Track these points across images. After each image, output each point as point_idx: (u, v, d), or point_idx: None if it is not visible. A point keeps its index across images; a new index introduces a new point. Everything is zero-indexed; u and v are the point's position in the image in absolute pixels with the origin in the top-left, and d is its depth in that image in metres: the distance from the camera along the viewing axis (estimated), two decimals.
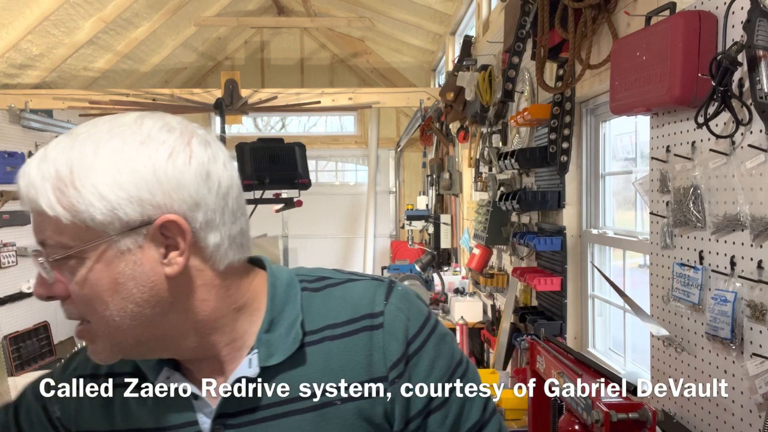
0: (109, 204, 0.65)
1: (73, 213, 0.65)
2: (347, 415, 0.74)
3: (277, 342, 0.74)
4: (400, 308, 0.77)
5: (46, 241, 0.68)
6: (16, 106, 4.87)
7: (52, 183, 0.66)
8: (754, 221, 1.28)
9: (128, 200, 0.66)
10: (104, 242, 0.67)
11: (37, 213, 0.67)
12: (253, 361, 0.74)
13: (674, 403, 1.60)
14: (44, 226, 0.67)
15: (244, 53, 7.59)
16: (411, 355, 0.75)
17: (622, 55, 1.70)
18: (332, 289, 0.79)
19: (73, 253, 0.67)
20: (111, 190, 0.65)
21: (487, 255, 3.53)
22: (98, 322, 0.69)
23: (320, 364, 0.75)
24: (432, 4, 4.90)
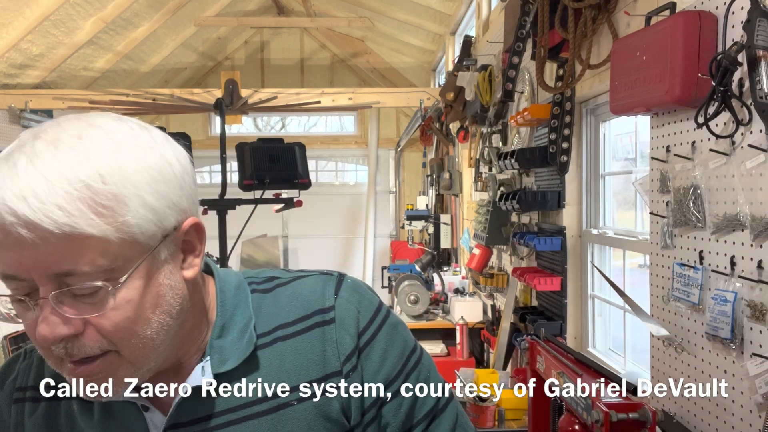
0: (156, 213, 0.61)
1: (122, 230, 0.59)
2: (304, 414, 0.73)
3: (229, 347, 0.72)
4: (351, 300, 0.76)
5: (75, 270, 0.58)
6: (16, 106, 4.87)
7: (88, 199, 0.57)
8: (754, 221, 1.28)
9: (168, 207, 0.63)
10: (149, 255, 0.62)
11: (60, 239, 0.56)
12: (206, 368, 0.71)
13: (674, 403, 1.60)
14: (76, 252, 0.57)
15: (244, 53, 7.59)
16: (363, 346, 0.74)
17: (622, 55, 1.70)
18: (281, 288, 0.78)
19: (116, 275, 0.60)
20: (155, 198, 0.61)
21: (487, 255, 3.54)
22: (135, 346, 0.63)
23: (274, 366, 0.73)
24: (432, 4, 4.90)
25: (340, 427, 0.74)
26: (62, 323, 0.59)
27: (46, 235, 0.56)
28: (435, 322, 3.87)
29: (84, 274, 0.58)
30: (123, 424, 0.72)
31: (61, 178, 0.57)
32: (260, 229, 6.72)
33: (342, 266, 7.60)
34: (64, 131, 0.60)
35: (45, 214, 0.55)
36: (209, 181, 7.52)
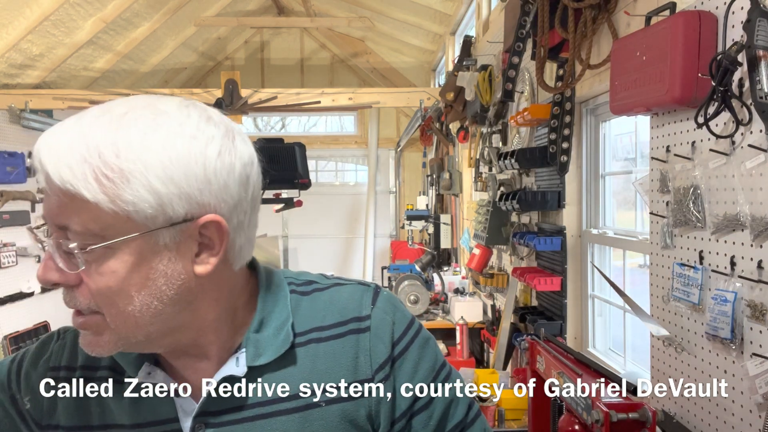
0: (159, 198, 0.62)
1: (116, 203, 0.61)
2: (331, 416, 0.74)
3: (265, 342, 0.74)
4: (386, 312, 0.78)
5: (70, 226, 0.62)
6: (16, 106, 4.87)
7: (95, 167, 0.61)
8: (754, 221, 1.28)
9: (178, 196, 0.63)
10: (143, 235, 0.63)
11: (64, 194, 0.61)
12: (241, 360, 0.73)
13: (674, 403, 1.60)
14: (73, 210, 0.62)
15: (244, 53, 7.59)
16: (396, 357, 0.76)
17: (622, 55, 1.70)
18: (319, 293, 0.80)
19: (111, 236, 0.62)
20: (163, 183, 0.62)
21: (487, 255, 3.53)
22: (115, 317, 0.65)
23: (306, 366, 0.75)
24: (432, 4, 4.90)
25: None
26: (55, 270, 0.64)
27: (55, 188, 0.61)
28: (435, 322, 3.88)
29: (75, 233, 0.62)
30: (153, 408, 0.74)
31: (82, 143, 0.61)
32: (260, 229, 6.71)
33: (342, 266, 7.60)
34: (122, 105, 0.65)
35: (57, 168, 0.61)
36: None
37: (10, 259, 5.01)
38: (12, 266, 5.04)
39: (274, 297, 0.77)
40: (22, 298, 5.15)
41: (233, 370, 0.72)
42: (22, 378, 0.79)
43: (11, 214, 5.05)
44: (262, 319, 0.75)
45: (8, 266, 5.00)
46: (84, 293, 0.65)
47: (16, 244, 5.11)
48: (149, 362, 0.74)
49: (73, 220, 0.62)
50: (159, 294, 0.66)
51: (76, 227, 0.62)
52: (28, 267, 5.29)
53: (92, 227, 0.62)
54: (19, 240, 5.16)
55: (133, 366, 0.74)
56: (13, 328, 4.99)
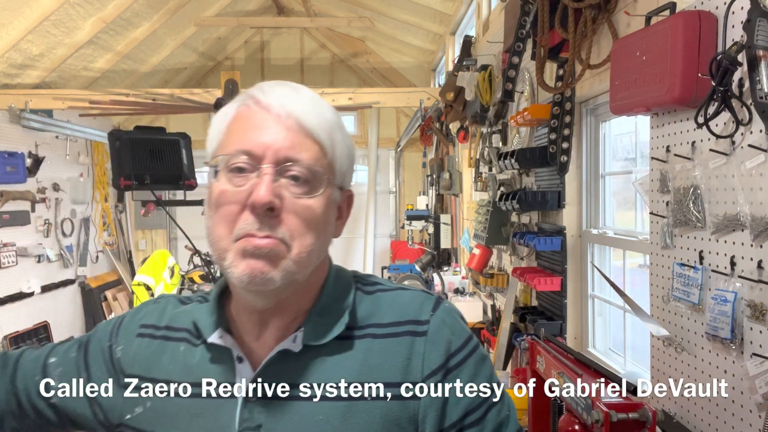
0: (349, 164, 0.81)
1: (333, 153, 0.77)
2: (375, 412, 0.76)
3: (323, 326, 0.79)
4: (446, 322, 0.81)
5: (300, 159, 0.74)
6: (16, 106, 4.87)
7: (326, 122, 0.77)
8: (754, 221, 1.28)
9: (348, 170, 0.81)
10: (331, 187, 0.77)
11: (301, 134, 0.75)
12: (299, 337, 0.78)
13: (674, 403, 1.60)
14: (303, 148, 0.75)
15: (244, 53, 7.59)
16: (451, 368, 0.78)
17: (622, 55, 1.70)
18: (382, 294, 0.85)
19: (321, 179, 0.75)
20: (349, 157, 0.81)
21: (487, 255, 3.53)
22: (298, 249, 0.74)
23: (359, 358, 0.78)
24: (432, 4, 4.90)
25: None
26: (271, 194, 0.73)
27: (293, 126, 0.74)
28: None
29: (303, 166, 0.74)
30: (218, 369, 0.81)
31: (315, 101, 0.78)
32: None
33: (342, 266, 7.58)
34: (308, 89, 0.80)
35: (303, 110, 0.75)
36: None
37: (10, 259, 5.01)
38: (12, 266, 5.04)
39: (340, 289, 0.83)
40: (22, 298, 5.15)
41: (290, 346, 0.78)
42: (121, 330, 0.89)
43: (11, 214, 5.05)
44: (324, 305, 0.81)
45: (8, 266, 5.00)
46: (282, 221, 0.74)
47: (16, 244, 5.11)
48: (222, 328, 0.82)
49: (303, 157, 0.74)
50: (325, 241, 0.79)
51: (307, 161, 0.74)
52: (28, 267, 5.29)
53: (316, 165, 0.75)
54: (19, 240, 5.16)
55: (209, 329, 0.82)
56: (13, 328, 4.99)
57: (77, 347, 0.91)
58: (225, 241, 0.75)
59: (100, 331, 0.91)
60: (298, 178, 0.74)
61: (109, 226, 6.95)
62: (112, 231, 7.00)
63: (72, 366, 0.89)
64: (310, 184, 0.75)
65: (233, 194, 0.74)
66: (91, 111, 5.22)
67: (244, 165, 0.74)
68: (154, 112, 5.69)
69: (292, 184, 0.74)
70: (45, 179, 5.54)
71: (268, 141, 0.74)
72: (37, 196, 5.42)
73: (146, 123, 6.87)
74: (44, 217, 5.57)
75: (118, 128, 5.32)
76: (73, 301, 6.06)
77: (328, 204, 0.77)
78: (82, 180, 6.27)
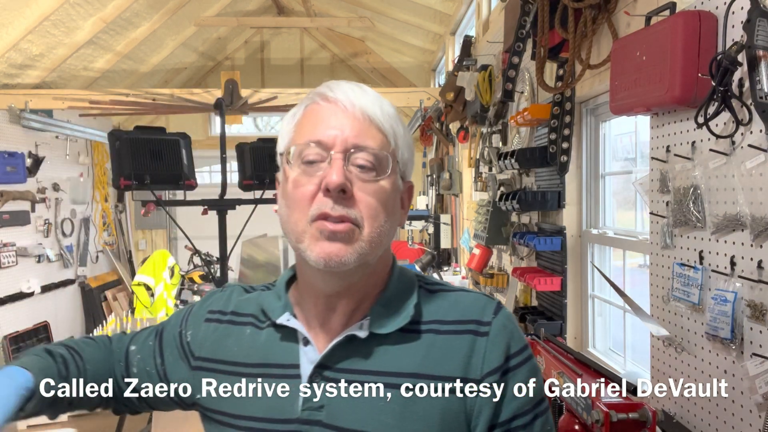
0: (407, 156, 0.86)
1: (396, 142, 0.83)
2: (434, 402, 0.79)
3: (388, 316, 0.83)
4: (506, 326, 0.84)
5: (367, 146, 0.80)
6: (16, 106, 4.87)
7: (390, 117, 0.83)
8: (754, 221, 1.28)
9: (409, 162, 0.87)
10: (395, 174, 0.83)
11: (369, 124, 0.81)
12: (365, 325, 0.83)
13: (674, 403, 1.60)
14: (369, 135, 0.80)
15: (244, 53, 7.59)
16: (509, 369, 0.81)
17: (622, 55, 1.70)
18: (444, 293, 0.88)
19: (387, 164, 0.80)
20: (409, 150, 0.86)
21: (487, 255, 3.53)
22: (373, 230, 0.79)
23: (422, 351, 0.81)
24: (432, 4, 4.90)
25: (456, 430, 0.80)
26: (343, 176, 0.78)
27: (360, 117, 0.80)
28: None
29: (369, 152, 0.80)
30: (281, 352, 0.85)
31: (379, 98, 0.83)
32: (260, 229, 6.72)
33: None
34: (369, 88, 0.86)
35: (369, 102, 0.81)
36: (209, 181, 7.53)
37: (10, 259, 5.01)
38: (12, 266, 5.04)
39: (404, 285, 0.87)
40: (22, 298, 5.15)
41: (357, 332, 0.82)
42: (190, 317, 0.95)
43: (11, 214, 5.05)
44: (389, 297, 0.85)
45: (8, 266, 5.00)
46: (354, 203, 0.79)
47: (16, 244, 5.11)
48: (290, 313, 0.87)
49: (369, 143, 0.80)
50: (393, 224, 0.83)
51: (374, 147, 0.80)
52: (28, 267, 5.29)
53: (380, 153, 0.80)
54: (19, 240, 5.16)
55: (278, 312, 0.87)
56: (13, 328, 4.99)
57: (154, 335, 0.98)
58: (302, 223, 0.80)
59: (173, 320, 0.98)
60: (364, 166, 0.79)
61: (109, 226, 6.95)
62: (112, 231, 7.01)
63: (149, 353, 0.96)
64: (377, 169, 0.80)
65: (307, 180, 0.80)
66: (91, 111, 5.22)
67: (315, 157, 0.80)
68: (154, 112, 5.69)
69: (360, 170, 0.79)
70: (45, 179, 5.54)
71: (336, 131, 0.79)
72: (37, 196, 5.42)
73: (146, 123, 6.87)
74: (44, 217, 5.57)
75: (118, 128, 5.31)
76: (73, 301, 6.06)
77: (395, 188, 0.83)
78: (82, 180, 6.27)
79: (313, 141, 0.80)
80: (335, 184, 0.76)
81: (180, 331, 0.95)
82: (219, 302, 0.95)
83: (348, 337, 0.82)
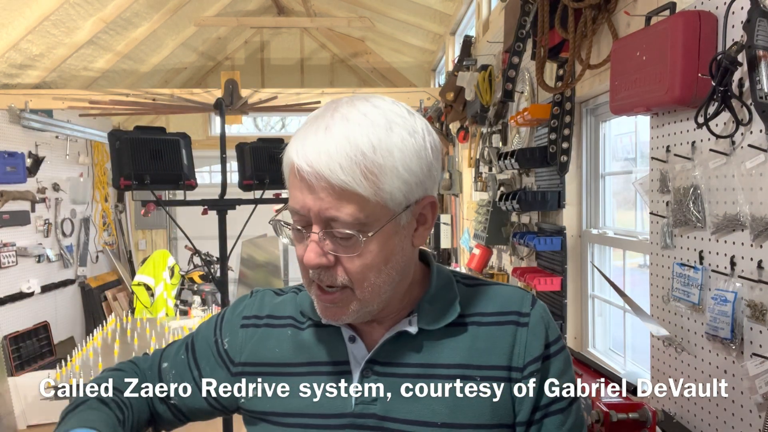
0: (406, 187, 0.77)
1: (378, 194, 0.75)
2: (482, 393, 0.82)
3: (434, 313, 0.85)
4: (544, 317, 0.87)
5: (339, 218, 0.75)
6: (16, 106, 4.87)
7: (362, 165, 0.73)
8: (754, 221, 1.28)
9: (416, 184, 0.78)
10: (389, 221, 0.77)
11: (336, 191, 0.74)
12: (413, 321, 0.85)
13: (674, 403, 1.60)
14: (342, 204, 0.74)
15: (244, 53, 7.59)
16: (549, 356, 0.85)
17: (622, 55, 1.70)
18: (482, 287, 0.90)
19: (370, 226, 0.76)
20: (408, 174, 0.76)
21: (487, 255, 3.53)
22: (365, 289, 0.79)
23: (467, 343, 0.84)
24: (432, 4, 4.90)
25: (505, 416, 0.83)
26: (322, 255, 0.77)
27: (326, 186, 0.74)
28: None
29: (344, 223, 0.75)
30: (330, 349, 0.87)
31: (346, 145, 0.73)
32: (260, 229, 6.72)
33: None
34: (354, 109, 0.76)
35: (330, 169, 0.73)
36: (209, 181, 7.52)
37: (10, 259, 5.01)
38: (12, 266, 5.04)
39: (444, 282, 0.89)
40: (22, 298, 5.15)
41: (408, 327, 0.84)
42: (224, 325, 0.96)
43: (11, 214, 5.05)
44: (434, 294, 0.87)
45: (8, 266, 5.00)
46: (339, 272, 0.78)
47: (16, 244, 5.11)
48: None
49: (343, 212, 0.75)
50: (396, 266, 0.80)
51: (345, 218, 0.75)
52: (28, 267, 5.29)
53: (359, 217, 0.75)
54: (19, 240, 5.16)
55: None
56: (13, 328, 4.99)
57: (184, 349, 0.98)
58: (305, 280, 0.83)
59: (203, 330, 0.98)
60: (344, 236, 0.76)
61: (109, 226, 6.95)
62: (112, 231, 7.00)
63: (184, 367, 0.96)
64: (357, 236, 0.76)
65: (299, 244, 0.80)
66: (91, 111, 5.22)
67: (301, 224, 0.79)
68: (154, 112, 5.69)
69: (342, 240, 0.76)
70: (45, 179, 5.54)
71: (309, 204, 0.76)
72: (37, 196, 5.42)
73: (146, 123, 6.87)
74: (44, 217, 5.57)
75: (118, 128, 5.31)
76: (73, 301, 6.06)
77: (387, 238, 0.78)
78: (82, 180, 6.27)
79: (294, 210, 0.78)
80: (310, 265, 0.78)
81: (215, 340, 0.95)
82: (252, 308, 0.96)
83: (398, 333, 0.84)
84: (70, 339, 5.75)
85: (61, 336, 5.61)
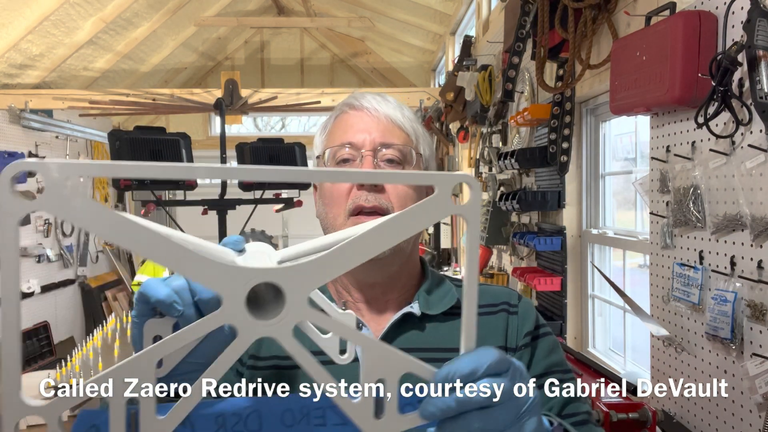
0: (427, 160, 0.95)
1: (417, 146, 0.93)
2: None
3: (433, 300, 0.92)
4: (530, 307, 0.95)
5: (392, 143, 0.90)
6: (16, 106, 4.87)
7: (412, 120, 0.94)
8: (754, 221, 1.28)
9: (431, 155, 0.96)
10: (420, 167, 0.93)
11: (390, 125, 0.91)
12: (415, 306, 0.90)
13: (674, 403, 1.60)
14: (393, 135, 0.91)
15: (244, 53, 7.59)
16: (538, 335, 0.92)
17: (622, 55, 1.70)
18: None
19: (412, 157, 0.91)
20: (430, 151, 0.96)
21: (487, 255, 3.54)
22: None
23: None
24: (432, 4, 4.90)
25: None
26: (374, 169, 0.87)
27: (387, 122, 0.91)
28: None
29: (395, 148, 0.90)
30: None
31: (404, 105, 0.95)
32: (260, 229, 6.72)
33: None
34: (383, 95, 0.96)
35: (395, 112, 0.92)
36: (209, 181, 7.52)
37: None
38: None
39: (438, 279, 0.96)
40: (22, 298, 5.11)
41: (411, 309, 0.90)
42: None
43: None
44: (431, 285, 0.94)
45: None
46: (387, 193, 0.88)
47: None
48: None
49: (394, 140, 0.91)
50: None
51: (397, 144, 0.90)
52: (28, 267, 5.29)
53: (404, 147, 0.91)
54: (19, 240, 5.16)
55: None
56: None
57: None
58: (340, 218, 0.88)
59: None
60: (392, 160, 0.89)
61: None
62: None
63: None
64: (403, 162, 0.90)
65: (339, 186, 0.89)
66: (91, 111, 5.22)
67: (348, 156, 0.90)
68: (154, 112, 5.69)
69: (388, 164, 0.89)
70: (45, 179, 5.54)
71: (365, 133, 0.90)
72: (37, 197, 5.42)
73: (146, 123, 6.87)
74: (44, 217, 5.57)
75: (118, 128, 5.31)
76: (73, 301, 6.06)
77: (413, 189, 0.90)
78: (82, 180, 6.27)
79: (345, 143, 0.90)
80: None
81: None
82: None
83: (404, 315, 0.89)
84: (70, 339, 5.75)
85: (61, 336, 5.60)
